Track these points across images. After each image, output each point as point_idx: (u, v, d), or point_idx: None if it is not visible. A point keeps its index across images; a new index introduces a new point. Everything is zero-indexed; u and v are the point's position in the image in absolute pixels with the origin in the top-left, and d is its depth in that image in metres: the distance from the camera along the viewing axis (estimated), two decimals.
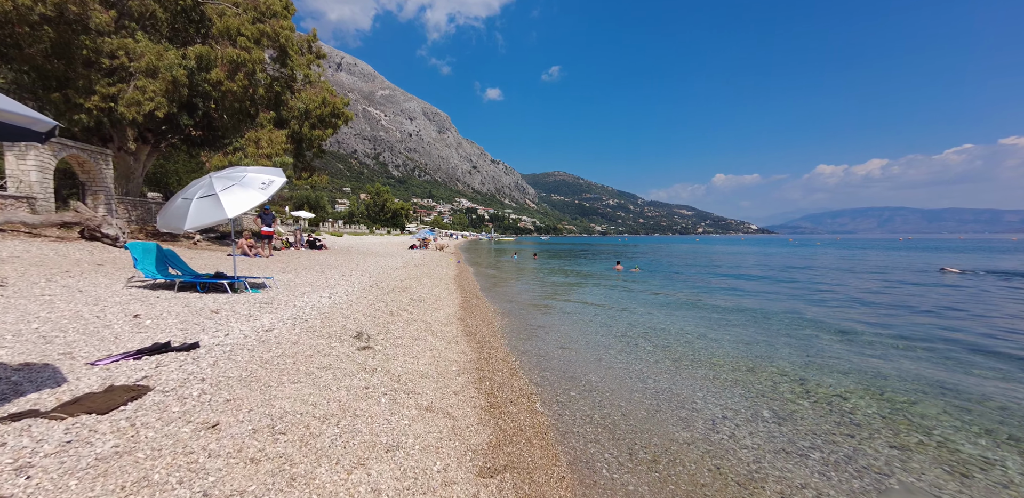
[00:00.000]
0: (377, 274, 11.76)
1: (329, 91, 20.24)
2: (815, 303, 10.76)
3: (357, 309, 6.22)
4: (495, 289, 12.76)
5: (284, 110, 19.13)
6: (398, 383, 3.62)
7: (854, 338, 7.02)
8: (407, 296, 8.34)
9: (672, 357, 5.78)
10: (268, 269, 11.43)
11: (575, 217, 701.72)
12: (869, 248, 55.18)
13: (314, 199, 77.73)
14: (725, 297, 11.76)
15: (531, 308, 9.40)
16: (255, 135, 16.57)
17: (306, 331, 4.70)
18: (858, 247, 59.84)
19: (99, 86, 12.81)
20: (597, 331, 7.21)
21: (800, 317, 8.78)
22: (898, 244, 79.07)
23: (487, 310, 8.59)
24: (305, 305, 6.26)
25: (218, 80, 14.89)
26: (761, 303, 10.74)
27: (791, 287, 14.19)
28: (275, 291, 7.66)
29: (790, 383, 4.86)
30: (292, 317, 5.37)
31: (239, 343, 4.02)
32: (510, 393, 3.98)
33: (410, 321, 6.14)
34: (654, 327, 7.64)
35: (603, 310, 9.31)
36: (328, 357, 3.91)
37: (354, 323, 5.32)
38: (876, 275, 18.19)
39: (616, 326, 7.67)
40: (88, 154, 13.90)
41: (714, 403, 4.17)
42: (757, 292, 12.97)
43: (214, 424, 2.28)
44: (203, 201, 6.74)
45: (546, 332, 6.98)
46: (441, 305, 8.19)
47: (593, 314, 8.83)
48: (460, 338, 5.85)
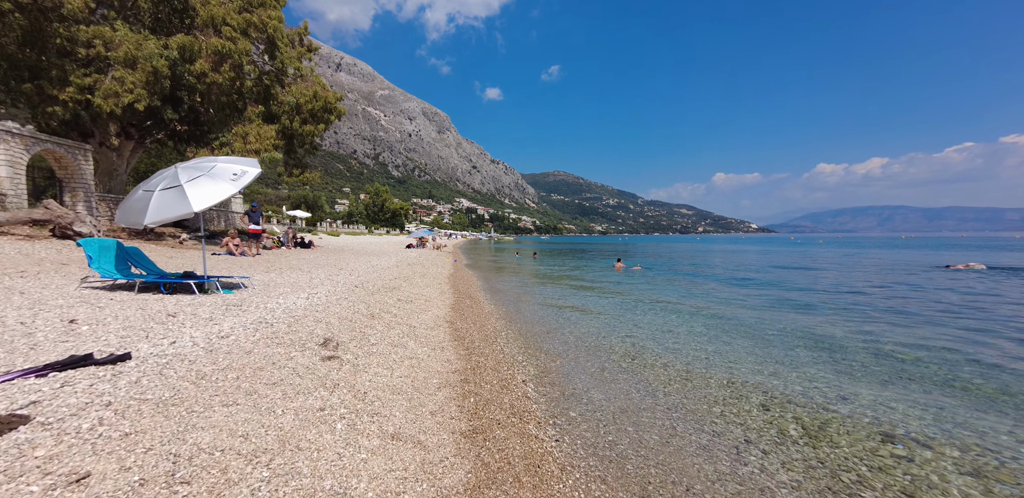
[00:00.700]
0: (366, 273, 11.17)
1: (321, 85, 19.62)
2: (830, 301, 10.15)
3: (333, 311, 5.61)
4: (491, 289, 12.15)
5: (274, 105, 18.50)
6: (363, 402, 3.02)
7: (883, 341, 6.41)
8: (394, 297, 7.73)
9: (683, 363, 5.18)
10: (251, 269, 10.83)
11: (575, 217, 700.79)
12: (872, 246, 54.57)
13: (312, 198, 77.24)
14: (734, 297, 11.16)
15: (528, 310, 8.79)
16: (243, 130, 15.97)
17: (267, 338, 4.09)
18: (861, 245, 59.25)
19: (74, 77, 12.20)
20: (599, 334, 6.60)
21: (814, 315, 8.18)
22: (900, 242, 78.45)
23: (480, 312, 7.99)
24: (277, 307, 5.66)
25: (202, 72, 14.28)
26: (770, 302, 10.13)
27: (801, 284, 13.58)
28: (250, 292, 7.06)
29: (820, 390, 4.26)
30: (257, 321, 4.77)
31: (182, 353, 3.42)
32: (498, 412, 3.37)
33: (392, 325, 5.53)
34: (661, 329, 7.03)
35: (605, 311, 8.71)
36: (282, 370, 3.30)
37: (325, 328, 4.72)
38: (888, 274, 17.59)
39: (620, 328, 7.06)
40: (65, 149, 13.29)
41: (735, 422, 3.57)
42: (764, 291, 12.36)
43: (83, 476, 1.67)
44: (166, 193, 6.14)
45: (543, 337, 6.38)
46: (430, 306, 7.58)
47: (594, 316, 8.23)
48: (447, 344, 5.24)
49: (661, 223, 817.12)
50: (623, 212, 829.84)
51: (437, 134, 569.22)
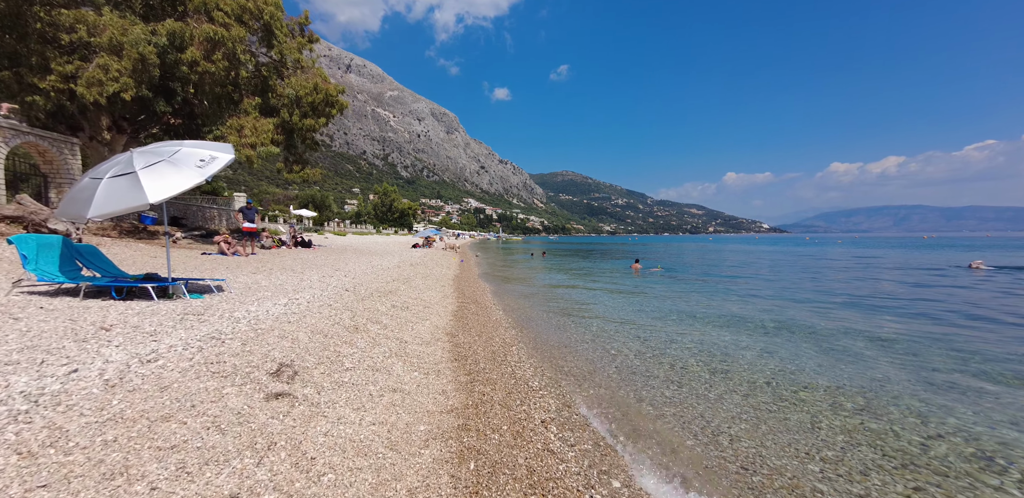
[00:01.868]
0: (363, 275, 10.19)
1: (322, 77, 18.76)
2: (886, 311, 8.91)
3: (308, 323, 4.60)
4: (500, 292, 11.09)
5: (273, 97, 17.68)
6: (304, 478, 1.98)
7: (973, 357, 5.22)
8: (388, 302, 6.72)
9: (739, 389, 4.08)
10: (238, 269, 9.93)
11: (583, 217, 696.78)
12: (895, 247, 52.36)
13: (319, 198, 77.08)
14: (771, 303, 9.95)
15: (542, 318, 7.71)
16: (238, 122, 15.15)
17: (205, 363, 3.09)
18: (882, 246, 56.99)
19: (55, 64, 11.43)
20: (630, 350, 5.51)
21: (881, 329, 6.98)
22: (923, 242, 75.62)
23: (487, 320, 6.93)
24: (243, 317, 4.68)
25: (194, 60, 13.45)
26: (818, 310, 8.92)
27: (842, 290, 12.30)
28: (223, 297, 6.11)
29: (948, 441, 3.13)
30: (208, 336, 3.78)
31: (65, 391, 2.42)
32: (511, 485, 2.31)
33: (378, 340, 4.50)
34: (702, 344, 5.91)
35: (632, 320, 7.60)
36: (198, 419, 2.28)
37: (289, 347, 3.70)
38: (930, 275, 16.15)
39: (652, 342, 5.95)
40: (49, 142, 12.55)
41: (843, 486, 2.47)
42: (802, 296, 11.10)
43: None
44: (116, 182, 5.19)
45: (562, 353, 5.30)
46: (429, 314, 6.55)
47: (620, 325, 7.13)
48: (444, 366, 4.20)
49: (671, 223, 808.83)
50: (632, 212, 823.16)
51: (446, 134, 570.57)
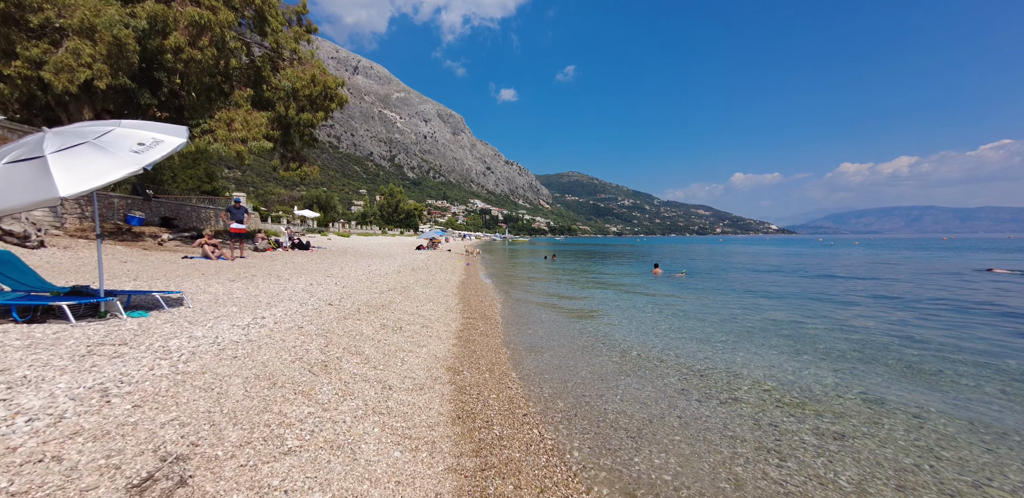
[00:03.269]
0: (356, 282, 8.97)
1: (320, 69, 17.63)
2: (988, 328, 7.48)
3: (258, 361, 3.35)
4: (512, 303, 9.76)
5: (268, 90, 16.58)
6: None
7: None
8: (376, 321, 5.46)
9: (883, 471, 2.76)
10: (216, 276, 8.75)
11: (590, 218, 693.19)
12: (916, 248, 50.28)
13: (324, 199, 76.41)
14: (835, 315, 8.56)
15: (566, 341, 6.39)
16: (227, 115, 14.04)
17: (30, 458, 1.85)
18: (903, 248, 54.84)
19: (21, 48, 10.37)
20: (687, 391, 4.20)
21: (996, 356, 5.59)
22: (943, 244, 73.12)
23: (498, 344, 5.64)
24: (176, 348, 3.45)
25: (178, 46, 12.36)
26: (906, 331, 7.51)
27: (911, 303, 10.86)
28: (175, 314, 4.92)
29: None
30: (89, 391, 2.54)
31: None
32: None
33: (349, 387, 3.22)
34: (779, 381, 4.58)
35: (675, 342, 6.28)
36: None
37: (202, 413, 2.44)
38: (995, 284, 14.61)
39: (713, 378, 4.63)
40: (18, 136, 11.50)
41: None
42: (870, 307, 9.68)
43: None
44: (15, 169, 3.98)
45: (600, 396, 4.00)
46: (427, 337, 5.28)
47: (663, 352, 5.82)
48: (441, 432, 2.90)
49: (678, 224, 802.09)
50: (639, 213, 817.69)
51: (452, 136, 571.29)
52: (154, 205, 18.04)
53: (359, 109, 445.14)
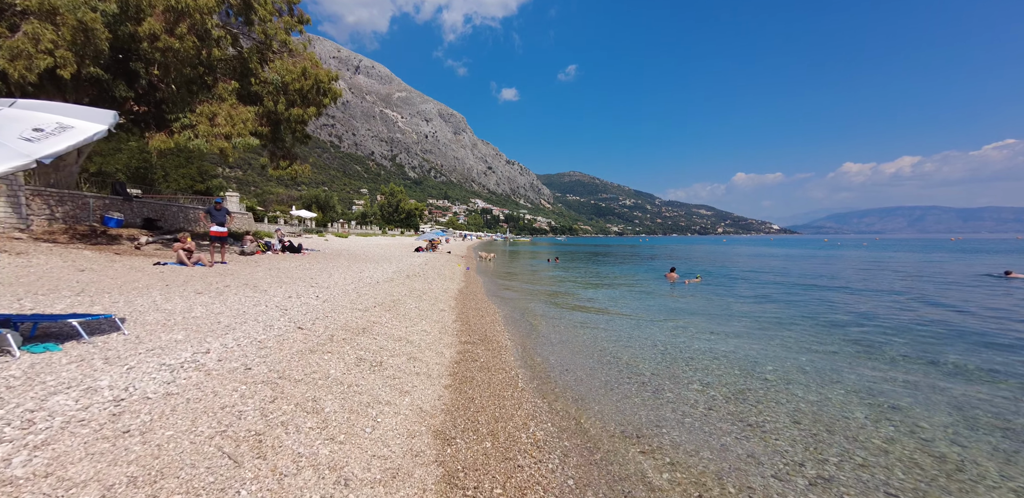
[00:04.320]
0: (342, 294, 7.93)
1: (312, 61, 16.61)
2: None
3: (153, 442, 2.32)
4: (519, 320, 8.68)
5: (256, 84, 15.57)
6: None
7: None
8: (352, 353, 4.41)
9: None
10: (186, 286, 7.73)
11: (591, 217, 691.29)
12: (927, 250, 49.01)
13: (324, 198, 75.43)
14: (902, 325, 7.49)
15: (589, 374, 5.33)
16: (210, 109, 13.02)
17: None
18: (913, 249, 53.56)
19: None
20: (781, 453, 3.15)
21: None
22: (952, 245, 71.79)
23: (501, 382, 4.57)
24: (45, 417, 2.42)
25: (153, 33, 11.35)
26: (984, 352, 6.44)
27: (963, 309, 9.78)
28: (98, 345, 3.89)
29: None
30: None
31: None
32: None
33: (278, 490, 2.17)
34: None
35: (734, 373, 5.23)
36: None
37: None
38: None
39: (790, 439, 3.57)
40: None
41: None
42: (930, 329, 8.60)
43: None
44: None
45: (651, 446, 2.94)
46: (413, 376, 4.23)
47: (696, 375, 4.76)
48: None
49: (679, 224, 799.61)
50: (640, 213, 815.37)
51: (453, 135, 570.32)
52: (136, 205, 17.05)
53: (360, 109, 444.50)
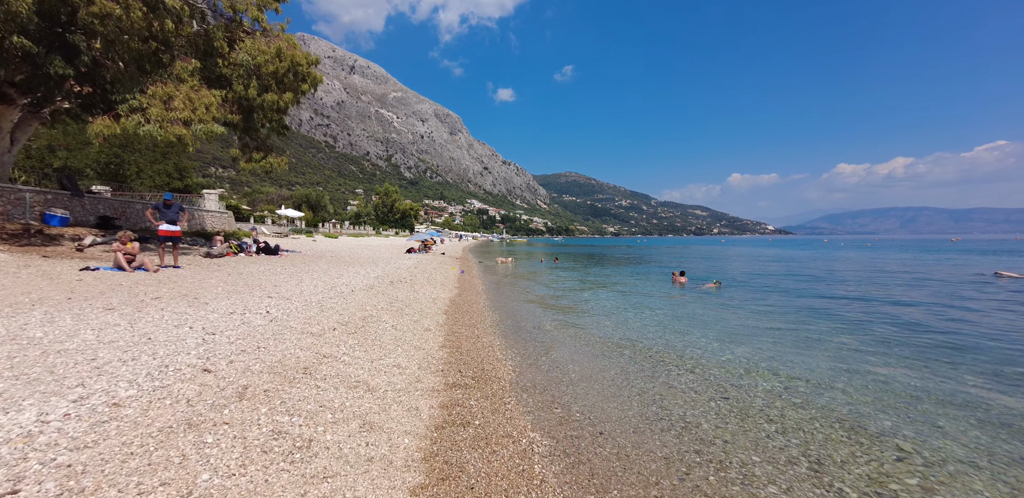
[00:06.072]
0: (303, 308, 6.27)
1: (289, 42, 14.93)
2: None
3: None
4: (516, 342, 7.08)
5: (224, 65, 13.87)
6: None
7: None
8: (266, 420, 2.77)
9: None
10: (96, 300, 6.03)
11: (587, 218, 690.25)
12: (932, 251, 47.95)
13: (315, 197, 73.45)
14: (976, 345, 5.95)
15: (624, 429, 3.75)
16: (164, 91, 11.29)
17: None
18: (922, 250, 52.51)
19: None
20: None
21: None
22: (953, 246, 71.00)
23: (512, 470, 2.97)
24: None
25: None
26: None
27: None
28: None
29: None
30: None
31: None
32: None
33: None
34: None
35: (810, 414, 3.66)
36: None
37: None
38: None
39: None
40: None
41: None
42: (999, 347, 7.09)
43: None
44: None
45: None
46: (357, 468, 2.59)
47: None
48: None
49: (675, 224, 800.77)
50: (636, 213, 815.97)
51: (449, 136, 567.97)
52: (91, 202, 15.28)
53: (356, 108, 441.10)
